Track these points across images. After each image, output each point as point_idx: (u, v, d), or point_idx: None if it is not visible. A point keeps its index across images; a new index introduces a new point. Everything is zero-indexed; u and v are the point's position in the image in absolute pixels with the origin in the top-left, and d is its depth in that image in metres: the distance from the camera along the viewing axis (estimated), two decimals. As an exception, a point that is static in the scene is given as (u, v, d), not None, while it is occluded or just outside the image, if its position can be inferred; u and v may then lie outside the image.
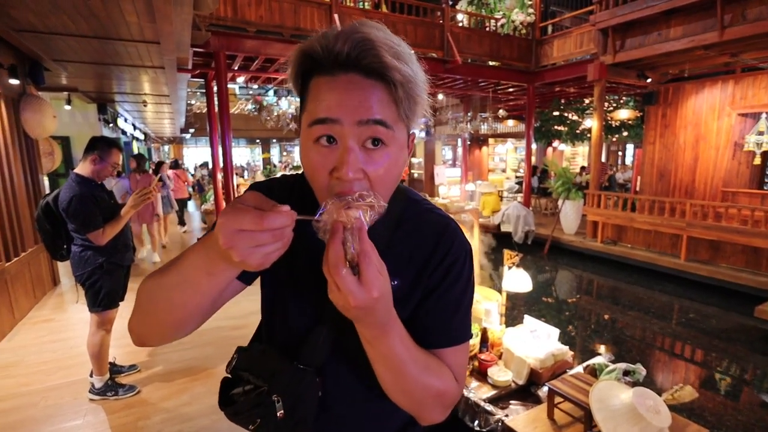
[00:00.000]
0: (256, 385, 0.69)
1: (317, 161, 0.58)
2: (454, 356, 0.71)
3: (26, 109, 4.19)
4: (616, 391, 2.15)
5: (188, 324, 0.66)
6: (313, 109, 0.58)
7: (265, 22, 5.98)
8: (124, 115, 9.72)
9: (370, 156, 0.58)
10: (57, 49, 4.16)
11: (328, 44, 0.56)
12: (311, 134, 0.58)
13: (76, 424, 2.44)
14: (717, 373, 4.05)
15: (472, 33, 8.22)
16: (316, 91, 0.58)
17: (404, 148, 0.63)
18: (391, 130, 0.58)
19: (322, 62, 0.57)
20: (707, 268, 6.14)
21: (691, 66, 6.87)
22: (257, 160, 24.34)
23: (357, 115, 0.55)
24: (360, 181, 0.57)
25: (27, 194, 4.34)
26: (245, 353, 0.74)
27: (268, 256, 0.49)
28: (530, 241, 8.63)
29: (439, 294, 0.71)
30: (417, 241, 0.72)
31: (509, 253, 3.02)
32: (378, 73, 0.56)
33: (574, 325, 5.22)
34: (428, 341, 0.70)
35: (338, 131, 0.56)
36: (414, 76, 0.58)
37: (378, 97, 0.56)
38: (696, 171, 7.48)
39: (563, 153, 15.73)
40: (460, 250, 0.73)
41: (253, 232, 0.47)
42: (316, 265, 0.67)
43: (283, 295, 0.75)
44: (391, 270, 0.61)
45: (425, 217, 0.75)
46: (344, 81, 0.56)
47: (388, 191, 0.63)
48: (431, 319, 0.71)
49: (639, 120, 9.48)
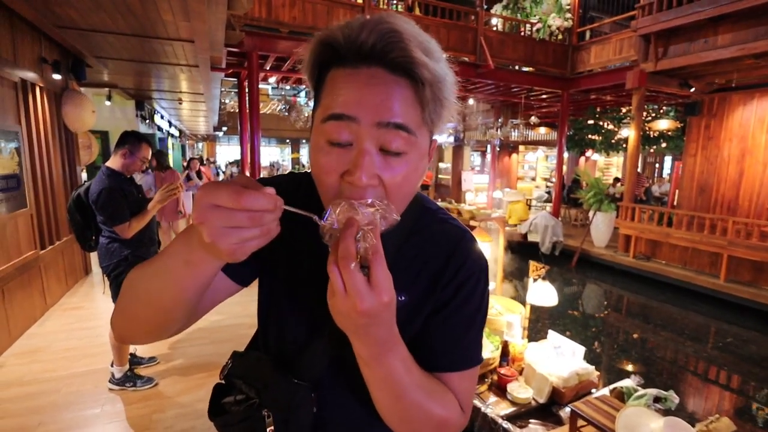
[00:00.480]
0: (247, 395, 0.66)
1: (328, 162, 0.53)
2: (461, 382, 0.65)
3: (67, 104, 4.36)
4: (646, 419, 2.02)
5: (169, 321, 0.59)
6: (328, 104, 0.52)
7: (298, 23, 6.05)
8: (160, 112, 10.05)
9: (388, 162, 0.52)
10: (98, 46, 4.31)
11: (351, 34, 0.51)
12: (324, 131, 0.52)
13: (95, 412, 2.48)
14: (755, 402, 3.78)
15: (507, 37, 8.07)
16: (333, 84, 0.53)
17: (425, 156, 0.57)
18: (413, 135, 0.53)
19: (342, 53, 0.52)
20: (749, 291, 5.78)
21: (739, 76, 6.51)
22: (285, 160, 24.73)
23: (377, 115, 0.50)
24: (374, 188, 0.52)
25: (65, 185, 4.51)
26: (240, 359, 0.70)
27: (243, 244, 0.43)
28: (558, 252, 8.38)
29: (448, 312, 0.65)
30: (428, 255, 0.67)
31: (535, 264, 2.91)
32: (404, 69, 0.51)
33: (601, 343, 5.01)
34: (433, 364, 0.64)
35: (354, 130, 0.51)
36: (444, 75, 0.53)
37: (402, 96, 0.51)
38: (740, 187, 7.07)
39: (596, 163, 15.25)
40: (475, 265, 0.67)
41: (230, 209, 0.41)
42: (317, 273, 0.63)
43: (279, 301, 0.70)
44: (399, 285, 0.55)
45: (439, 227, 0.70)
46: (366, 75, 0.51)
47: (404, 202, 0.58)
48: (438, 340, 0.65)
49: (679, 131, 9.07)
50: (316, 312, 0.65)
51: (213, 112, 10.02)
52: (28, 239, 3.64)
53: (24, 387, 2.73)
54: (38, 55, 3.82)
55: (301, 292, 0.68)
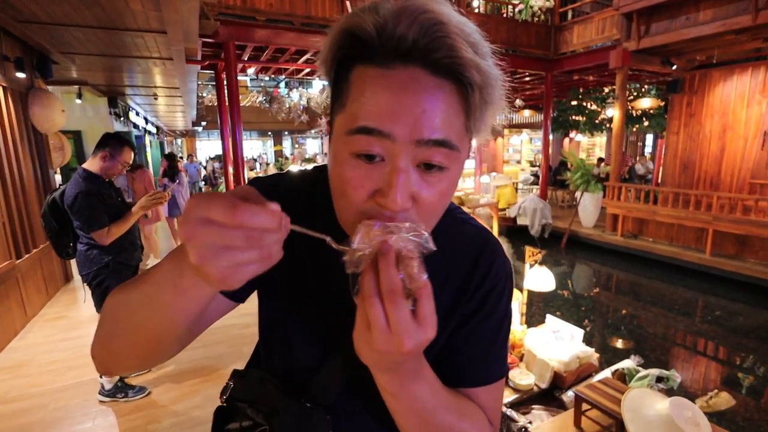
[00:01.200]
0: (255, 421, 0.59)
1: (355, 178, 0.45)
2: (488, 396, 0.61)
3: (34, 104, 4.13)
4: (651, 401, 2.00)
5: (156, 353, 0.52)
6: (356, 112, 0.43)
7: (275, 10, 5.85)
8: (135, 109, 9.71)
9: (425, 179, 0.45)
10: (63, 41, 4.08)
11: (384, 25, 0.42)
12: (350, 144, 0.44)
13: (86, 427, 2.38)
14: (747, 374, 3.86)
15: (488, 19, 7.96)
16: (361, 86, 0.44)
17: (462, 168, 0.50)
18: (455, 151, 0.45)
19: (373, 48, 0.43)
20: (734, 264, 5.90)
21: (720, 52, 6.55)
22: (267, 153, 24.34)
23: (416, 132, 0.42)
24: (406, 212, 0.45)
25: (37, 190, 4.30)
26: (242, 380, 0.64)
27: (237, 269, 0.35)
28: (547, 234, 8.42)
29: (474, 324, 0.60)
30: (451, 263, 0.60)
31: (531, 249, 2.88)
32: (450, 70, 0.42)
33: (594, 322, 5.05)
34: (460, 379, 0.59)
35: (388, 148, 0.43)
36: (495, 75, 0.45)
37: (446, 105, 0.43)
38: (722, 162, 7.18)
39: (580, 144, 15.37)
40: (501, 271, 0.62)
41: (223, 225, 0.34)
42: (324, 288, 0.58)
43: (284, 319, 0.63)
44: None
45: (459, 229, 0.63)
46: (403, 78, 0.42)
47: (436, 220, 0.50)
48: (464, 355, 0.60)
49: (661, 109, 9.14)
50: (326, 331, 0.59)
51: (190, 106, 9.74)
52: (2, 249, 3.46)
53: (8, 404, 2.60)
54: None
55: (307, 310, 0.61)
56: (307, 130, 20.17)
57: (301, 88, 11.26)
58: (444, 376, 0.57)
